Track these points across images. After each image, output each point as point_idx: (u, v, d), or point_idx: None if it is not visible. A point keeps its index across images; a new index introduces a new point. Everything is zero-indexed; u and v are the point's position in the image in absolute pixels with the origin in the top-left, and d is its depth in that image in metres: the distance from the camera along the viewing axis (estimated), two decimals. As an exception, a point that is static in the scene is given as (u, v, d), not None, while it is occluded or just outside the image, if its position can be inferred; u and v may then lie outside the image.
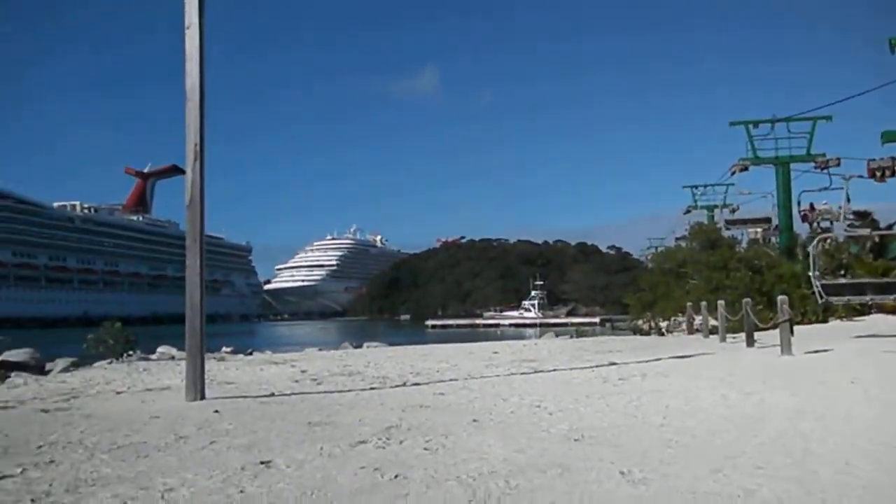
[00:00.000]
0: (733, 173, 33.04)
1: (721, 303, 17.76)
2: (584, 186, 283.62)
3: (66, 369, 13.50)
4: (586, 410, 6.81)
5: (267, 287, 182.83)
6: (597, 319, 78.63)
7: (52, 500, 3.90)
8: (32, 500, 3.92)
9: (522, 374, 10.78)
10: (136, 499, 3.90)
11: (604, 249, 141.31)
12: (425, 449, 5.09)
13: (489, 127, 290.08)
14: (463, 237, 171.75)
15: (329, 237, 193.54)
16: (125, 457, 5.03)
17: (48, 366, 14.04)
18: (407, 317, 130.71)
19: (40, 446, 5.48)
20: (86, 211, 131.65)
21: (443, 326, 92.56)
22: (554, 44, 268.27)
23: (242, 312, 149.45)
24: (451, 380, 10.03)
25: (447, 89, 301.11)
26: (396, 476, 4.28)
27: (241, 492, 4.00)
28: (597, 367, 11.51)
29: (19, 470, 4.64)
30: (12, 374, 12.06)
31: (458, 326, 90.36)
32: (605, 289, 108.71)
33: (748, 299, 15.54)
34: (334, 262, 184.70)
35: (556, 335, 27.23)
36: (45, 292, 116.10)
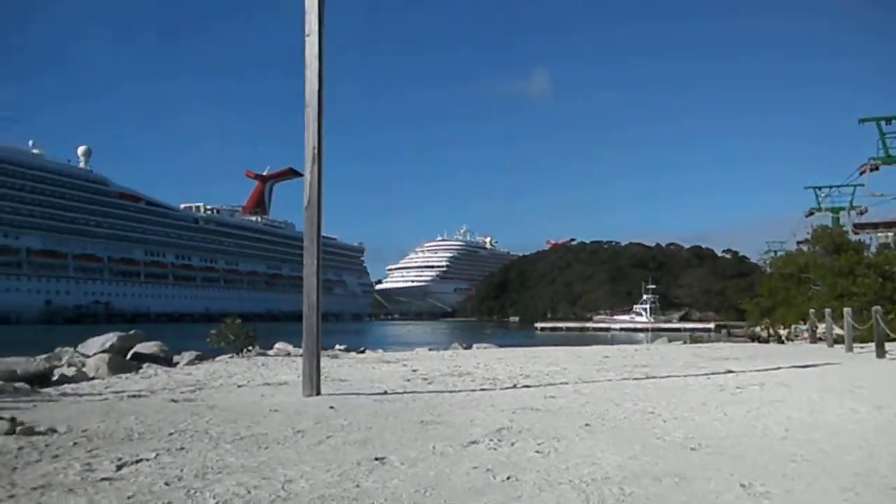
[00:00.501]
0: (862, 173, 31.35)
1: (847, 310, 16.85)
2: (698, 188, 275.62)
3: (191, 362, 14.22)
4: (702, 419, 6.61)
5: (378, 287, 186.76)
6: (711, 325, 76.09)
7: (184, 485, 4.12)
8: (166, 483, 4.16)
9: (635, 379, 10.57)
10: (258, 487, 4.07)
11: (719, 253, 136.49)
12: (537, 452, 5.08)
13: (599, 130, 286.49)
14: (573, 239, 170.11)
15: (439, 238, 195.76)
16: (247, 447, 5.26)
17: (175, 358, 14.82)
18: (516, 319, 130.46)
19: (171, 433, 5.80)
20: (209, 212, 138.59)
21: (552, 329, 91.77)
22: (663, 49, 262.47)
23: (354, 311, 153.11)
24: (561, 383, 9.95)
25: (558, 92, 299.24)
26: (509, 478, 4.29)
27: (357, 486, 4.11)
28: (712, 374, 11.14)
29: (153, 455, 4.93)
30: (144, 365, 12.82)
31: (568, 329, 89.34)
32: (720, 294, 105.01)
33: (878, 307, 14.67)
34: (444, 264, 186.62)
35: (669, 340, 26.52)
36: (172, 289, 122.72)
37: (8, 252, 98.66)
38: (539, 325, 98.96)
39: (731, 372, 11.48)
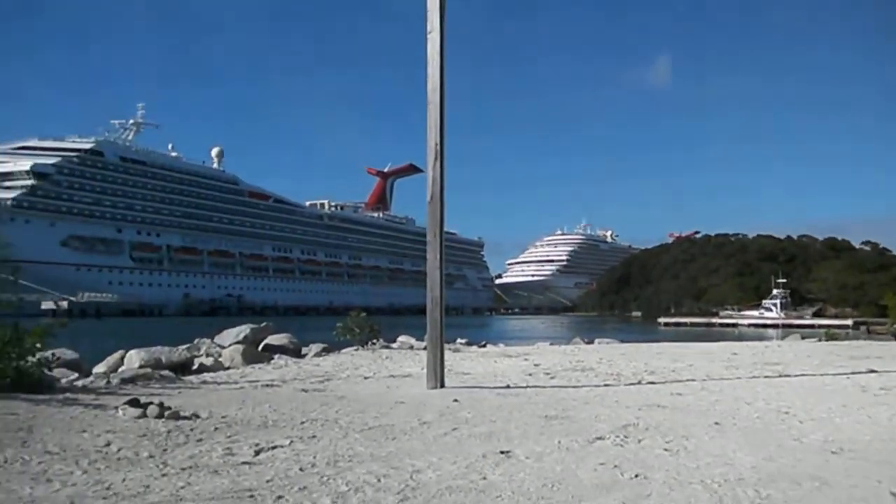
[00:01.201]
0: None
1: None
2: (833, 176, 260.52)
3: (318, 354, 14.74)
4: (843, 421, 6.26)
5: (498, 281, 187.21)
6: (849, 322, 71.64)
7: (317, 471, 4.28)
8: (301, 469, 4.34)
9: (766, 377, 10.12)
10: (388, 476, 4.18)
11: (857, 245, 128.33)
12: (665, 450, 4.96)
13: (723, 118, 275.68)
14: (697, 232, 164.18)
15: (559, 232, 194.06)
16: (375, 437, 5.40)
17: (303, 350, 15.38)
18: (638, 314, 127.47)
19: (303, 422, 6.03)
20: (333, 209, 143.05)
21: (676, 324, 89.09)
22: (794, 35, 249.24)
23: (474, 306, 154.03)
24: (688, 380, 9.66)
25: (678, 79, 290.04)
26: (637, 475, 4.21)
27: (484, 478, 4.15)
28: (853, 374, 10.52)
29: (288, 441, 5.15)
30: (275, 356, 13.38)
31: (693, 325, 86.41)
32: (859, 289, 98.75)
33: None
34: (564, 258, 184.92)
35: (802, 338, 25.19)
36: (298, 283, 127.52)
37: (151, 249, 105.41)
38: (662, 320, 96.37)
39: (873, 372, 10.80)
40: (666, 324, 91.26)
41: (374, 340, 16.79)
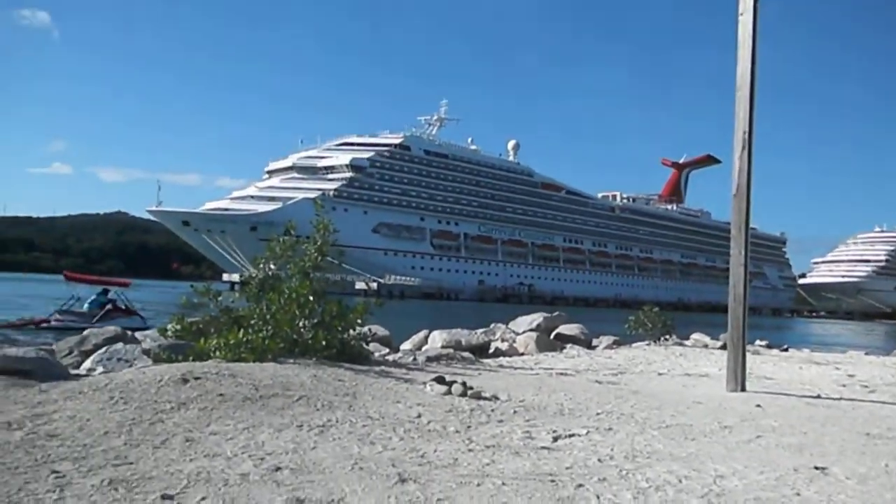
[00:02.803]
0: None
1: None
2: None
3: (609, 346, 14.68)
4: None
5: (801, 281, 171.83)
6: None
7: (615, 464, 4.27)
8: (599, 460, 4.36)
9: None
10: (689, 478, 4.04)
11: None
12: None
13: None
14: None
15: (877, 229, 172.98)
16: (673, 436, 5.25)
17: (594, 341, 15.42)
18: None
19: (598, 413, 6.05)
20: (625, 201, 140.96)
21: None
22: None
23: (774, 306, 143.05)
24: None
25: None
26: None
27: (798, 494, 3.84)
28: None
29: (584, 431, 5.20)
30: (567, 346, 13.58)
31: None
32: None
33: None
34: (882, 258, 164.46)
35: None
36: (588, 274, 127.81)
37: (449, 237, 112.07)
38: None
39: None
40: None
41: (667, 336, 16.35)
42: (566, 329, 15.45)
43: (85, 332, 9.93)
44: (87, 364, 8.04)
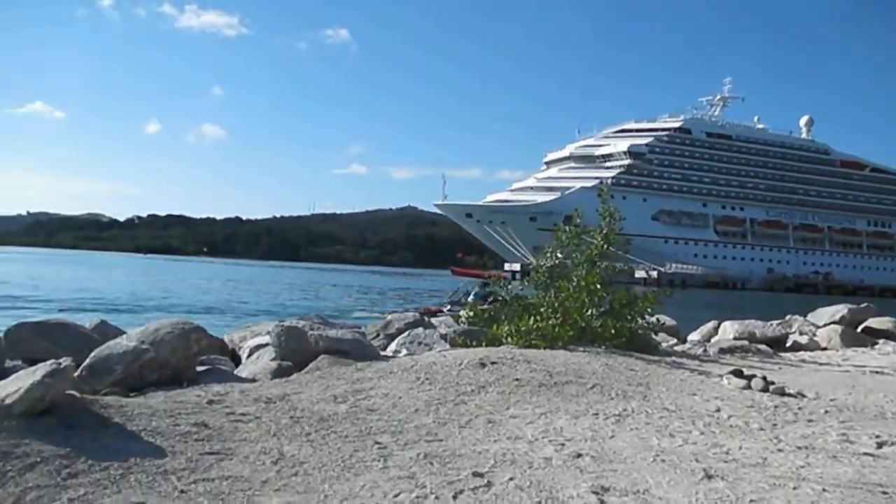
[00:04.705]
0: None
1: None
2: None
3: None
4: None
5: None
6: None
7: None
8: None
9: None
10: None
11: None
12: None
13: None
14: None
15: None
16: None
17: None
18: None
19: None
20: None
21: None
22: None
23: None
24: None
25: None
26: None
27: None
28: None
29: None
30: (880, 342, 12.17)
31: None
32: None
33: None
34: None
35: None
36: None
37: (734, 223, 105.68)
38: None
39: None
40: None
41: None
42: (876, 322, 13.82)
43: (388, 318, 10.81)
44: (393, 346, 8.73)
